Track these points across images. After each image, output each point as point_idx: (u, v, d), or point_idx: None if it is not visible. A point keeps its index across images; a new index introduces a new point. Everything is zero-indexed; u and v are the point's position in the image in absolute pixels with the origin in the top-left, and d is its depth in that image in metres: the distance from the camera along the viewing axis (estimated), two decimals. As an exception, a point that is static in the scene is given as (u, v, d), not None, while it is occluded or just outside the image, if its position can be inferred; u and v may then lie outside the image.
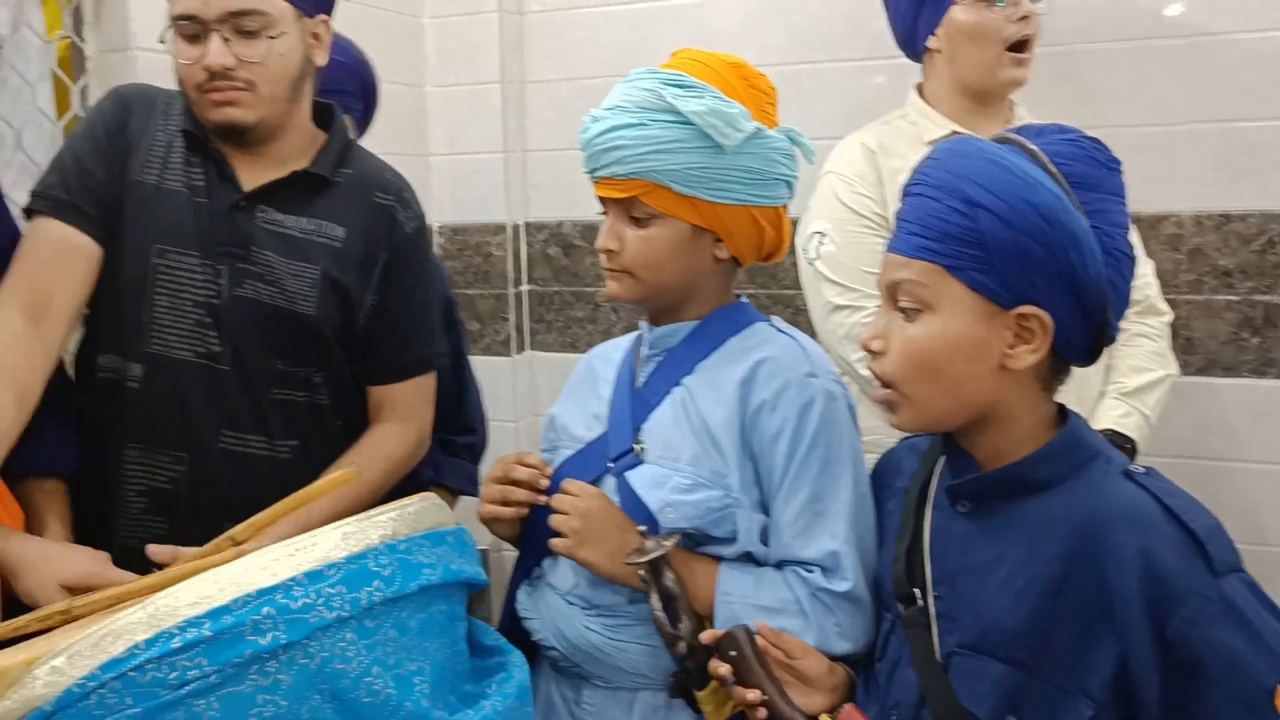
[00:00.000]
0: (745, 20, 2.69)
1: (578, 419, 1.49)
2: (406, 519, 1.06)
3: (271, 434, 1.56)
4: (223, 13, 1.47)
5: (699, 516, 1.32)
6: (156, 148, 1.57)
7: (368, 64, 2.08)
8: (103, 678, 0.87)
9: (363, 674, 0.96)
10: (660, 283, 1.40)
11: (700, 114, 1.30)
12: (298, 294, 1.56)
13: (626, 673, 1.37)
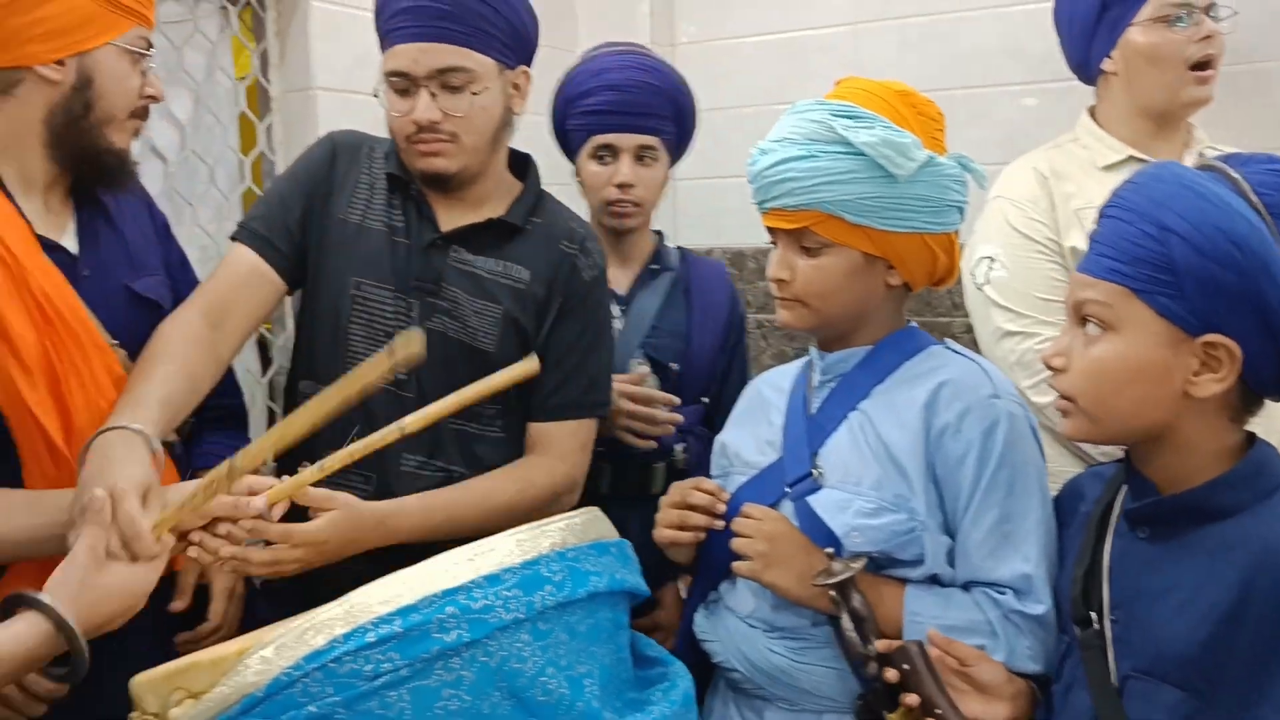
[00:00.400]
0: (900, 47, 2.70)
1: (750, 445, 1.50)
2: (574, 529, 1.11)
3: (449, 460, 1.63)
4: (430, 70, 1.56)
5: (885, 540, 1.33)
6: (360, 189, 1.66)
7: (681, 87, 2.06)
8: (306, 668, 0.94)
9: (538, 673, 1.01)
10: (832, 310, 1.41)
11: (872, 145, 1.31)
12: (479, 330, 1.63)
13: (812, 695, 1.38)
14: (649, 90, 1.98)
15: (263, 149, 2.26)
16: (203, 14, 2.14)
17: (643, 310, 2.04)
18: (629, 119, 1.98)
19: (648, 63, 2.02)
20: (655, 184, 2.04)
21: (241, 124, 2.26)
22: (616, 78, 1.98)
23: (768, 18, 2.84)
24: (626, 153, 1.99)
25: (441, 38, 1.56)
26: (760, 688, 1.41)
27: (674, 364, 2.01)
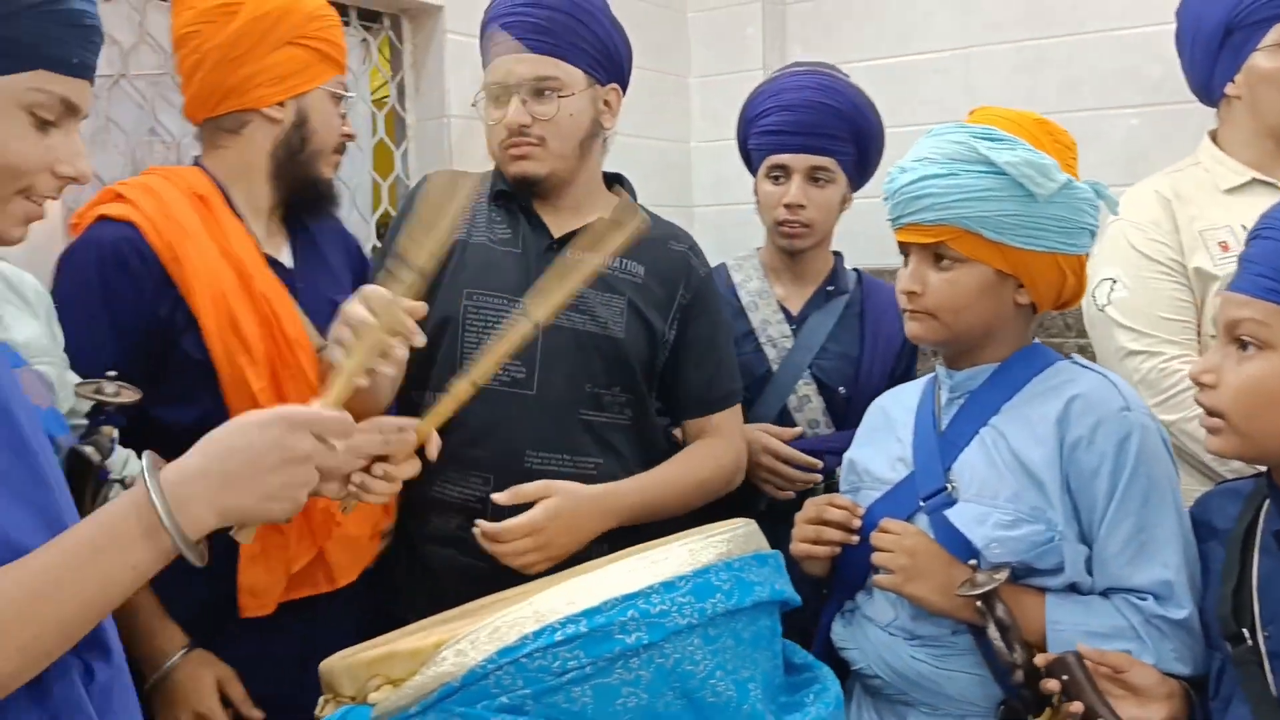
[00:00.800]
0: (1013, 70, 2.72)
1: (880, 462, 1.56)
2: (738, 540, 1.16)
3: (575, 452, 1.70)
4: (522, 78, 1.68)
5: (1024, 551, 1.38)
6: (474, 218, 1.78)
7: (862, 109, 2.06)
8: (500, 661, 1.01)
9: (708, 676, 1.06)
10: (962, 325, 1.46)
11: (1014, 164, 1.37)
12: (609, 320, 1.72)
13: (955, 699, 1.43)
14: (824, 111, 1.99)
15: (399, 173, 2.37)
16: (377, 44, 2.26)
17: (814, 331, 2.05)
18: (801, 139, 2.00)
19: (827, 83, 2.03)
20: (828, 205, 2.04)
21: (379, 150, 2.38)
22: (791, 98, 2.01)
23: (878, 42, 2.89)
24: (798, 173, 2.01)
25: (534, 49, 1.68)
26: (902, 693, 1.46)
27: (841, 388, 2.02)
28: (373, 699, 1.06)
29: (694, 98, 3.13)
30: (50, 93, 1.05)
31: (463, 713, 1.01)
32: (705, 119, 3.11)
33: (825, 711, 1.14)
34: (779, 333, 2.05)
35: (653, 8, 2.98)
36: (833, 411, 2.02)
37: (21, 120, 1.05)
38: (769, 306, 2.08)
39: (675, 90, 3.09)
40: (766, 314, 2.07)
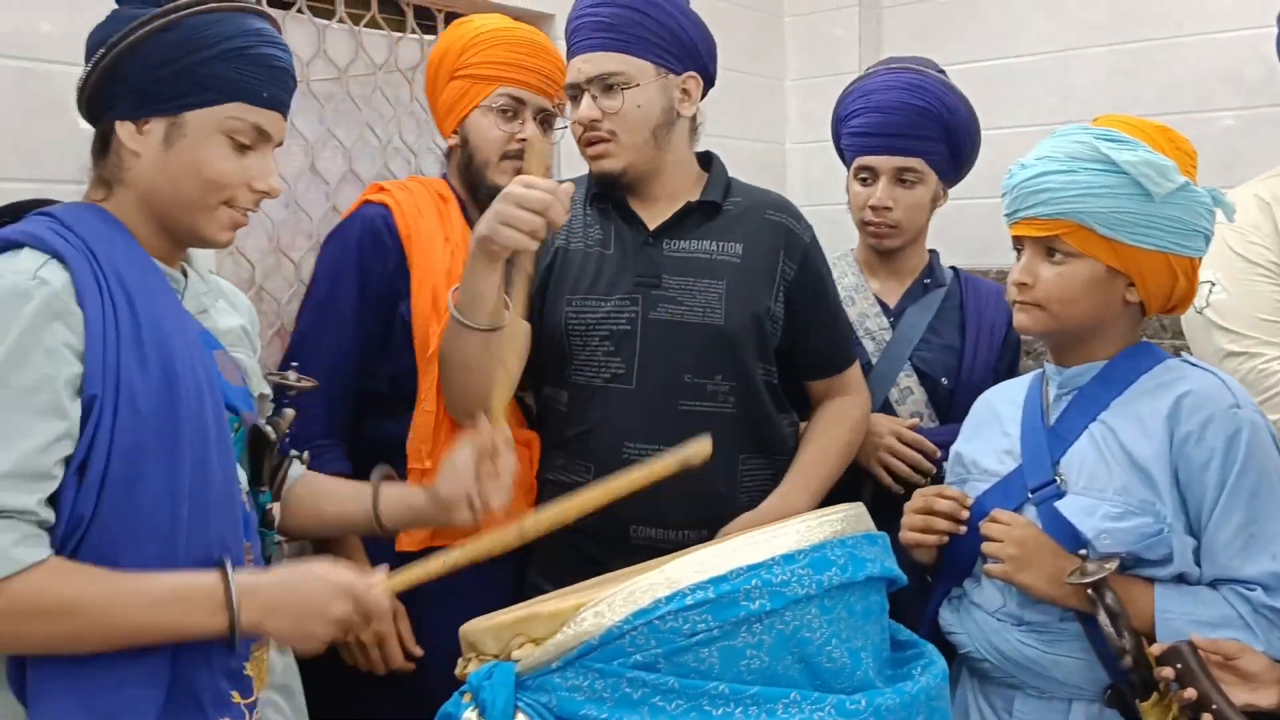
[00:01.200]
0: (1111, 73, 2.74)
1: (987, 455, 1.62)
2: (850, 520, 1.25)
3: (672, 442, 1.67)
4: (590, 76, 1.76)
5: (1133, 542, 1.43)
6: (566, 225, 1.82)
7: (952, 108, 2.03)
8: (635, 623, 1.11)
9: (824, 643, 1.15)
10: (1069, 317, 1.51)
11: (1134, 163, 1.43)
12: (707, 308, 1.76)
13: (1061, 683, 1.49)
14: (910, 111, 1.99)
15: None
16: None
17: (912, 323, 2.06)
18: (888, 141, 2.01)
19: (915, 81, 2.02)
20: (915, 206, 2.04)
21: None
22: (879, 99, 2.01)
23: (974, 45, 2.92)
24: (885, 175, 2.02)
25: (601, 47, 1.76)
26: (1010, 676, 1.52)
27: (944, 379, 2.03)
28: (516, 655, 1.16)
29: (789, 100, 3.20)
30: (244, 121, 1.30)
31: (600, 668, 1.11)
32: (800, 121, 3.17)
33: (933, 682, 1.21)
34: (876, 325, 2.07)
35: (749, 12, 3.06)
36: (935, 404, 2.03)
37: (222, 144, 1.30)
38: (865, 300, 2.09)
39: (770, 93, 3.16)
40: (863, 308, 2.09)
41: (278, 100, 1.34)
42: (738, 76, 3.01)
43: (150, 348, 1.22)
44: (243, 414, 1.38)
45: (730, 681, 1.10)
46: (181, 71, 1.27)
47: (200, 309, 1.41)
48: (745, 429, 1.80)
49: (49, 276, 1.20)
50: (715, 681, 1.10)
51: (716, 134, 2.89)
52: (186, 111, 1.29)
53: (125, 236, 1.30)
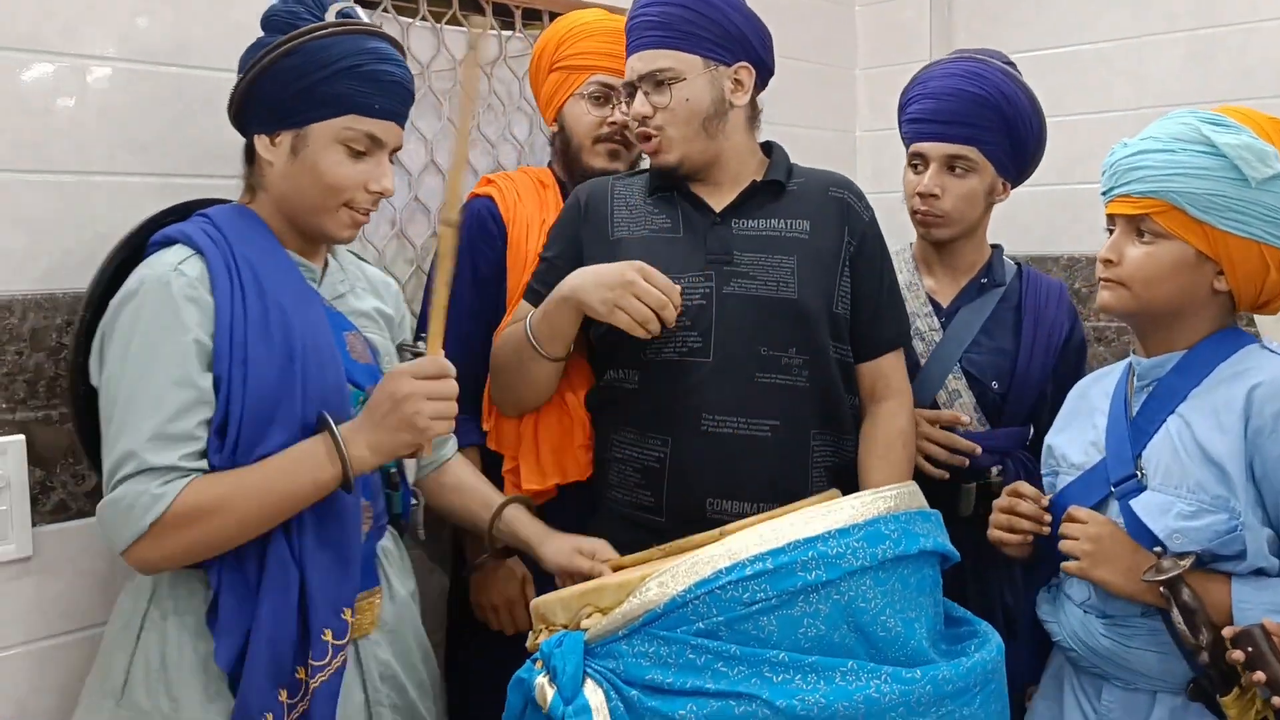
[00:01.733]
0: (1186, 59, 2.71)
1: (1076, 447, 1.62)
2: (904, 497, 1.29)
3: (749, 415, 1.78)
4: (641, 74, 1.82)
5: (1207, 540, 1.42)
6: (619, 212, 1.90)
7: (1012, 97, 1.98)
8: (697, 592, 1.17)
9: (879, 613, 1.20)
10: (1152, 298, 1.50)
11: (1233, 146, 1.42)
12: (779, 282, 1.79)
13: (1144, 675, 1.49)
14: (964, 98, 1.95)
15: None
16: (539, 48, 2.45)
17: (964, 324, 2.01)
18: (938, 127, 1.97)
19: (975, 69, 1.98)
20: (966, 196, 1.98)
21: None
22: (935, 86, 1.99)
23: (1045, 33, 2.91)
24: (935, 162, 1.98)
25: (650, 45, 1.81)
26: (1097, 666, 1.54)
27: (995, 383, 1.98)
28: (584, 625, 1.23)
29: (859, 88, 3.21)
30: (358, 131, 1.47)
31: (665, 636, 1.18)
32: (870, 109, 3.19)
33: (989, 656, 1.26)
34: (927, 325, 2.03)
35: (822, 3, 3.08)
36: (984, 408, 1.98)
37: (339, 151, 1.48)
38: (917, 299, 2.05)
39: (842, 82, 3.18)
40: (915, 306, 2.04)
41: (390, 111, 1.50)
42: (808, 66, 3.05)
43: (275, 329, 1.41)
44: (366, 388, 1.53)
45: (788, 649, 1.16)
46: (304, 90, 1.45)
47: (336, 295, 1.59)
48: (817, 404, 1.82)
49: (187, 269, 1.41)
50: (775, 650, 1.15)
51: (786, 123, 2.95)
52: (309, 125, 1.46)
53: (264, 233, 1.50)
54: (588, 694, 1.16)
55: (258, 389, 1.38)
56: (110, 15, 1.65)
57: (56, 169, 1.61)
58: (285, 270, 1.49)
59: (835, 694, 1.13)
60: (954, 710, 1.18)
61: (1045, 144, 2.06)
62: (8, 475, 1.56)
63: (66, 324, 1.62)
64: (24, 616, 1.60)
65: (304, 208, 1.50)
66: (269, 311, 1.42)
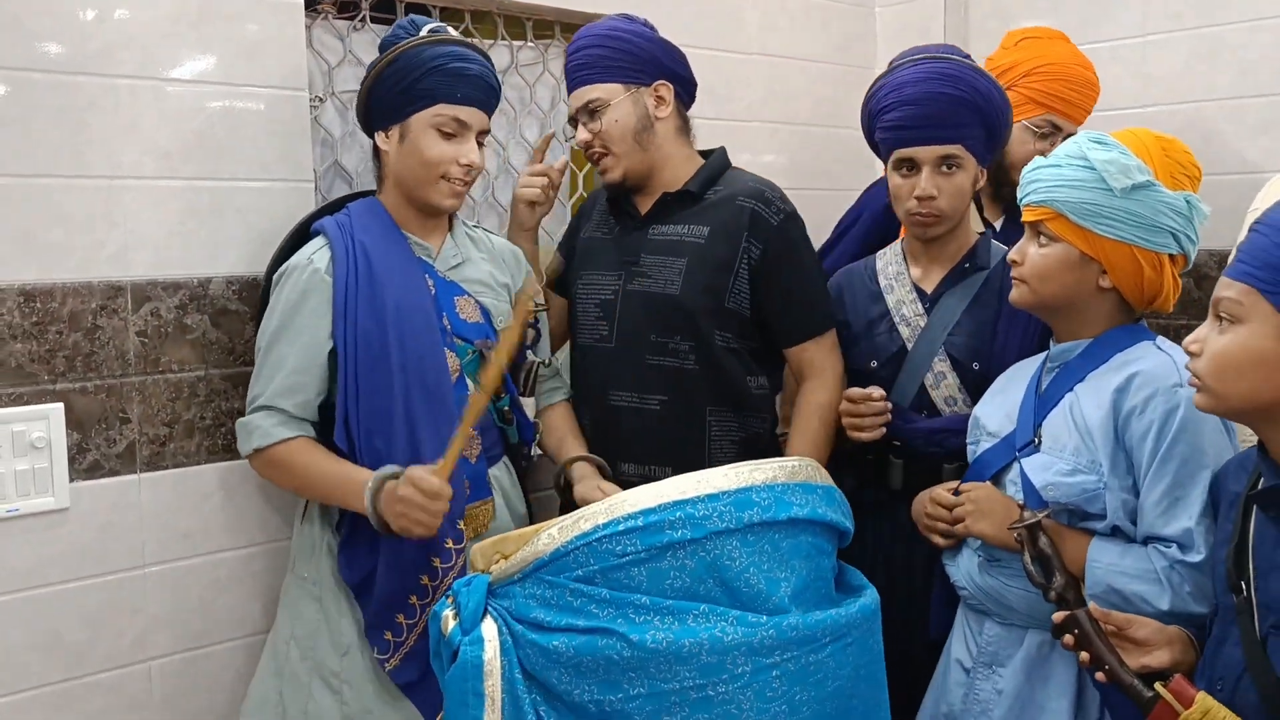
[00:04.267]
0: (1190, 57, 2.74)
1: (994, 418, 1.83)
2: (785, 470, 1.44)
3: (644, 391, 2.08)
4: (576, 108, 2.12)
5: (1075, 495, 1.63)
6: (592, 218, 2.26)
7: (982, 90, 2.04)
8: (578, 543, 1.35)
9: (742, 571, 1.36)
10: (1046, 294, 1.70)
11: (1102, 160, 1.62)
12: (668, 281, 2.08)
13: (1018, 612, 1.71)
14: (946, 100, 2.02)
15: (582, 193, 2.75)
16: (551, 57, 2.63)
17: (948, 309, 2.09)
18: (928, 132, 2.03)
19: (948, 70, 2.04)
20: (959, 191, 2.06)
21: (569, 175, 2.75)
22: (912, 92, 2.03)
23: (1059, 32, 2.97)
24: (927, 165, 2.03)
25: (582, 81, 2.12)
26: (982, 604, 1.77)
27: (975, 364, 2.05)
28: (493, 570, 1.42)
29: (882, 88, 3.31)
30: (446, 116, 1.86)
31: (550, 580, 1.36)
32: (892, 108, 3.28)
33: (845, 614, 1.40)
34: (912, 312, 2.10)
35: (843, 5, 3.19)
36: (968, 388, 2.04)
37: (433, 135, 1.87)
38: (904, 287, 2.13)
39: (861, 82, 3.25)
40: (901, 294, 2.13)
41: (471, 98, 1.87)
42: (829, 67, 3.16)
43: (382, 297, 1.81)
44: (475, 342, 1.93)
45: (655, 596, 1.32)
46: (404, 89, 1.84)
47: (450, 266, 1.96)
48: (709, 385, 2.09)
49: (316, 259, 1.84)
50: (640, 595, 1.32)
51: (808, 122, 3.08)
52: (409, 116, 1.86)
53: (382, 219, 1.91)
54: (484, 628, 1.34)
55: (365, 344, 1.79)
56: (140, 39, 1.89)
57: (91, 174, 1.86)
58: (397, 249, 1.89)
59: (684, 632, 1.29)
60: (798, 656, 1.33)
61: (1012, 125, 2.17)
62: (49, 437, 1.82)
63: (100, 308, 1.87)
64: (61, 560, 1.86)
65: (413, 183, 1.88)
66: (374, 285, 1.81)
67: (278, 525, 2.09)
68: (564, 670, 1.32)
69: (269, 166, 2.05)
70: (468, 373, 1.93)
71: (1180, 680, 1.37)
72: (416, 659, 1.83)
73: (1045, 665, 1.69)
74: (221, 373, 2.02)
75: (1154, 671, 1.43)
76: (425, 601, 1.83)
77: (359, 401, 1.80)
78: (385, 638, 1.82)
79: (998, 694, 1.73)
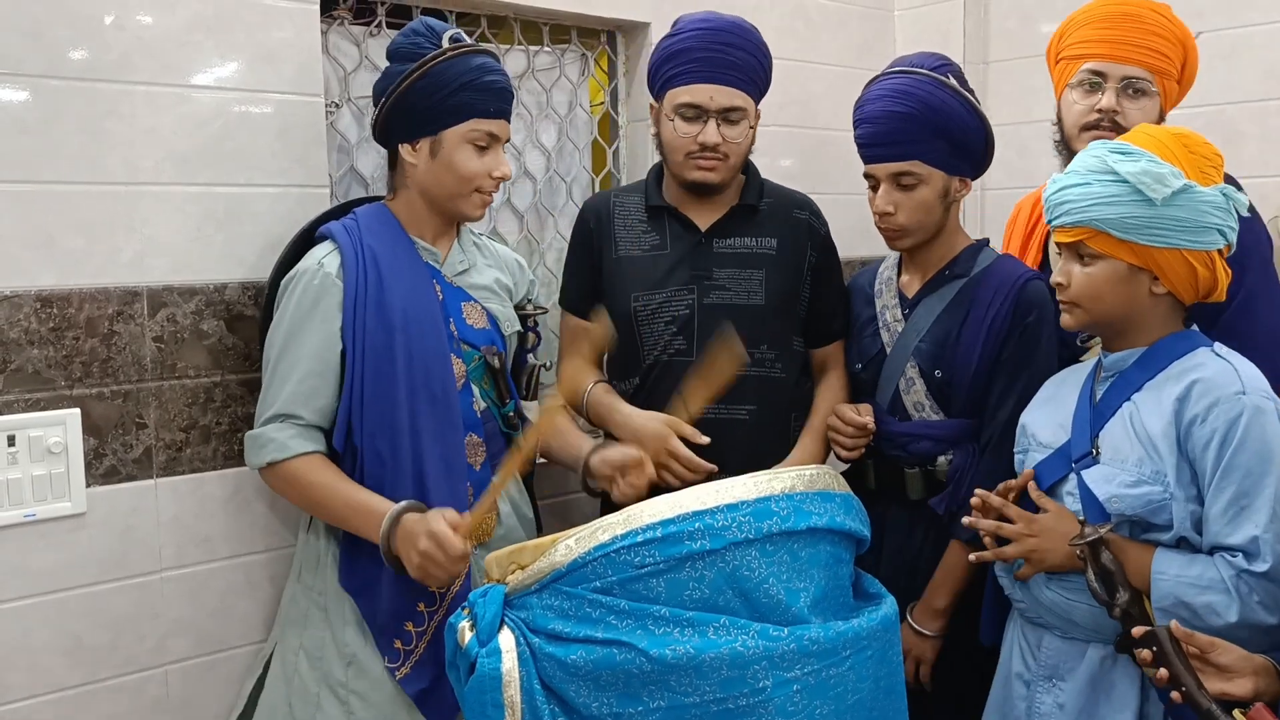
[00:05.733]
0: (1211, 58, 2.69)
1: (1045, 428, 1.79)
2: (803, 479, 1.43)
3: (730, 401, 2.03)
4: (721, 106, 2.06)
5: (1140, 507, 1.60)
6: (620, 230, 2.18)
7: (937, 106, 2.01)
8: (596, 554, 1.34)
9: (762, 581, 1.35)
10: (1100, 312, 1.67)
11: (1134, 173, 1.58)
12: (750, 293, 2.10)
13: (1079, 625, 1.67)
14: (894, 119, 2.00)
15: (610, 169, 2.72)
16: (568, 61, 2.63)
17: (923, 315, 2.08)
18: (879, 150, 2.03)
19: (901, 87, 2.02)
20: (919, 206, 2.03)
21: (594, 149, 2.73)
22: (869, 110, 2.05)
23: (1080, 34, 2.94)
24: (884, 181, 2.04)
25: (729, 83, 2.06)
26: (1041, 617, 1.73)
27: (937, 371, 2.04)
28: (509, 580, 1.41)
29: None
30: (480, 131, 1.85)
31: (568, 591, 1.35)
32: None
33: (867, 624, 1.39)
34: (893, 317, 2.12)
35: (862, 8, 3.17)
36: (934, 395, 2.04)
37: (469, 149, 1.86)
38: (890, 293, 2.15)
39: (880, 85, 3.26)
40: (887, 299, 2.15)
41: (500, 110, 1.88)
42: (848, 71, 3.14)
43: (390, 302, 1.80)
44: (481, 348, 1.93)
45: (674, 607, 1.31)
46: (435, 104, 1.82)
47: (457, 272, 1.96)
48: (792, 390, 2.16)
49: (326, 262, 1.83)
50: (659, 606, 1.31)
51: (823, 126, 3.06)
52: (442, 131, 1.84)
53: (392, 226, 1.90)
54: (501, 639, 1.34)
55: (371, 355, 1.79)
56: (157, 47, 1.89)
57: (110, 180, 1.86)
58: (406, 256, 1.88)
59: (704, 645, 1.28)
60: (820, 669, 1.31)
61: (990, 134, 2.08)
62: (66, 442, 1.82)
63: (117, 314, 1.87)
64: (79, 564, 1.86)
65: (444, 196, 1.88)
66: (385, 292, 1.81)
67: (295, 530, 2.09)
68: (582, 682, 1.31)
69: (285, 172, 2.05)
70: (473, 378, 1.93)
71: (1261, 709, 1.35)
72: (427, 667, 1.82)
73: (1108, 679, 1.67)
74: (237, 378, 2.02)
75: (1239, 700, 1.39)
76: (434, 609, 1.82)
77: (364, 406, 1.79)
78: (395, 646, 1.82)
79: (1059, 708, 1.70)
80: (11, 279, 1.78)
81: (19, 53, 1.76)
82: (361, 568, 1.82)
